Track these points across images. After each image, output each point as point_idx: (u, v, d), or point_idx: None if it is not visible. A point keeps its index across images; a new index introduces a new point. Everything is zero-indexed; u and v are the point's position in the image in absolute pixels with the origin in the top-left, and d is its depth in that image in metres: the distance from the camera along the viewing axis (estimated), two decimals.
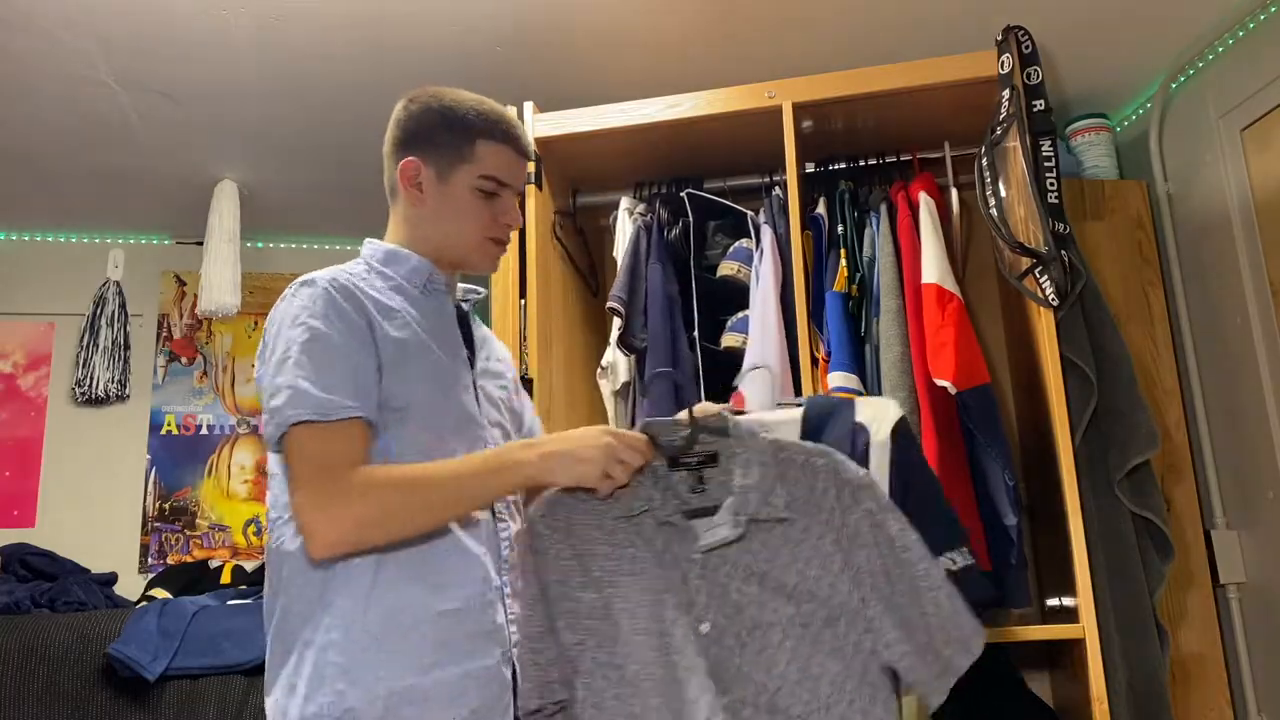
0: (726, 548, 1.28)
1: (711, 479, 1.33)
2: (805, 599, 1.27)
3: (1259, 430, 2.22)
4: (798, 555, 1.28)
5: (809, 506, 1.30)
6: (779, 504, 1.29)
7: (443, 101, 1.50)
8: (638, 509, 1.32)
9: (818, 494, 1.30)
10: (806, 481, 1.31)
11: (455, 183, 1.45)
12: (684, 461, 1.34)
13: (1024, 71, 2.01)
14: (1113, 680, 1.79)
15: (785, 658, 1.25)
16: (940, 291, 1.99)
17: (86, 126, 2.65)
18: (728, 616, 1.26)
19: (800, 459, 1.32)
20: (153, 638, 2.33)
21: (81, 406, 3.20)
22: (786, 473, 1.31)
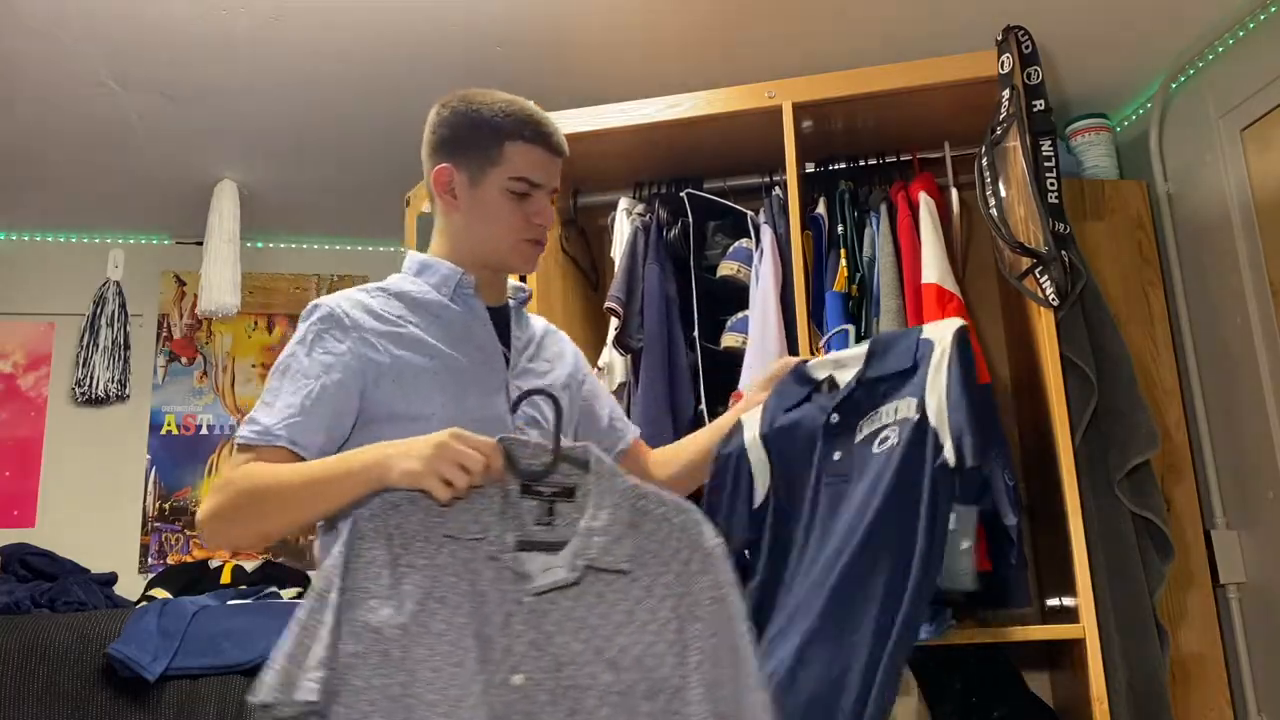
0: (559, 594, 1.17)
1: (563, 515, 1.22)
2: (629, 667, 1.17)
3: (1259, 430, 2.22)
4: (633, 616, 1.18)
5: (656, 564, 1.20)
6: (622, 555, 1.19)
7: (471, 105, 1.50)
8: (470, 534, 1.19)
9: (668, 552, 1.21)
10: (659, 536, 1.21)
11: (486, 186, 1.45)
12: (538, 490, 1.23)
13: (1024, 71, 2.00)
14: (1113, 680, 1.78)
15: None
16: (940, 291, 1.99)
17: (86, 127, 2.65)
18: (545, 671, 1.15)
19: (658, 511, 1.22)
20: (153, 638, 2.33)
21: (81, 406, 3.20)
22: (640, 523, 1.21)
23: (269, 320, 3.42)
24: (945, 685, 2.03)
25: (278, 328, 3.41)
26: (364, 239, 3.47)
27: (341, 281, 3.48)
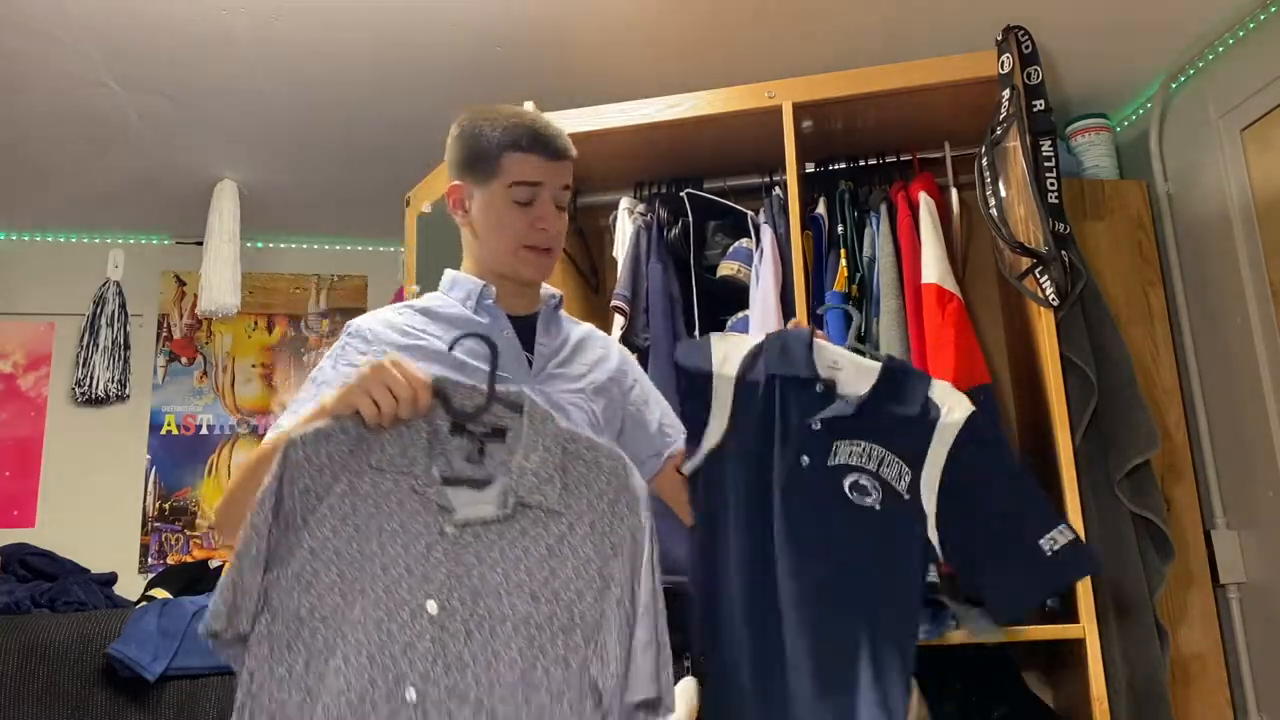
0: (484, 528, 1.20)
1: (493, 454, 1.24)
2: (548, 599, 1.19)
3: (1259, 430, 2.22)
4: (555, 552, 1.21)
5: (582, 504, 1.23)
6: (552, 494, 1.22)
7: (474, 123, 1.53)
8: (396, 466, 1.21)
9: (594, 494, 1.24)
10: (588, 478, 1.24)
11: (491, 198, 1.49)
12: (469, 429, 1.25)
13: (1024, 71, 2.00)
14: (1113, 680, 1.79)
15: (510, 657, 1.17)
16: (940, 291, 1.99)
17: (87, 127, 2.65)
18: (461, 601, 1.17)
19: (588, 455, 1.25)
20: (153, 638, 2.33)
21: (81, 406, 3.20)
22: (570, 465, 1.24)
23: (269, 320, 3.42)
24: (945, 685, 2.02)
25: (278, 328, 3.41)
26: (364, 239, 3.47)
27: (341, 281, 3.49)
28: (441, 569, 1.18)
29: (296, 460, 1.19)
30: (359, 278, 3.49)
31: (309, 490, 1.19)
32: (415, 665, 1.14)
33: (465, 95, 2.50)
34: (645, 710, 1.19)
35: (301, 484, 1.18)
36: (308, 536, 1.17)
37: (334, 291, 3.47)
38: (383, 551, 1.18)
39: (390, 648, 1.15)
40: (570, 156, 1.53)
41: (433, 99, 2.57)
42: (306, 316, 3.45)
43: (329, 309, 3.46)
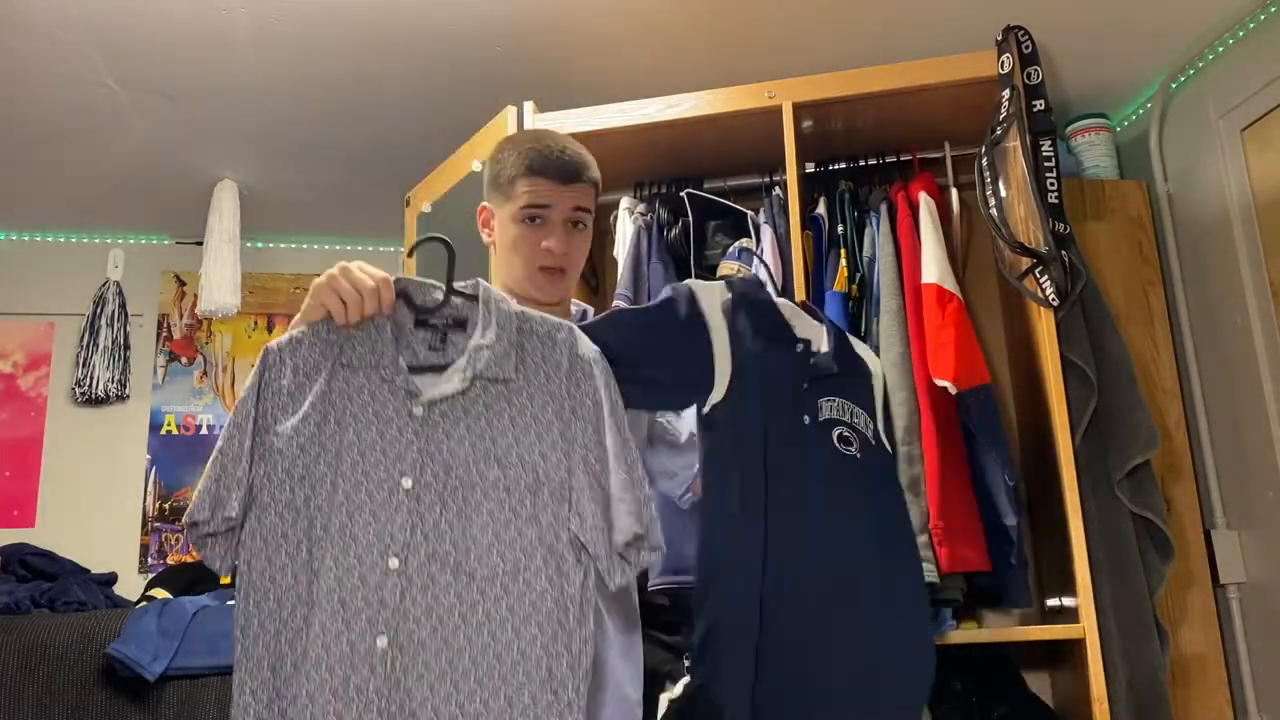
0: (449, 405, 1.28)
1: (454, 342, 1.33)
2: (515, 464, 1.27)
3: (1259, 430, 2.22)
4: (517, 421, 1.29)
5: (539, 374, 1.31)
6: (509, 366, 1.30)
7: (502, 147, 1.61)
8: (366, 362, 1.30)
9: (550, 364, 1.32)
10: (543, 350, 1.32)
11: (506, 220, 1.56)
12: (431, 323, 1.34)
13: (1024, 71, 2.01)
14: (1113, 680, 1.79)
15: (482, 520, 1.25)
16: (940, 291, 1.99)
17: (86, 126, 2.65)
18: (434, 474, 1.25)
19: (542, 329, 1.34)
20: (153, 638, 2.33)
21: (81, 406, 3.20)
22: (525, 341, 1.32)
23: (269, 320, 3.42)
24: (945, 685, 2.03)
25: (278, 327, 3.41)
26: (364, 239, 3.47)
27: None
28: (413, 448, 1.26)
29: (274, 364, 1.29)
30: None
31: (290, 392, 1.28)
32: (395, 537, 1.23)
33: (465, 95, 2.51)
34: (632, 549, 1.26)
35: (279, 385, 1.28)
36: (294, 434, 1.26)
37: None
38: (359, 439, 1.26)
39: (373, 525, 1.23)
40: (585, 179, 1.55)
41: (433, 99, 2.57)
42: None
43: None
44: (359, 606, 1.21)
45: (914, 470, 1.87)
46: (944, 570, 1.80)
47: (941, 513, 1.83)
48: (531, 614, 1.23)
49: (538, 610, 1.23)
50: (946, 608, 1.84)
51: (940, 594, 1.81)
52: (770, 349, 1.45)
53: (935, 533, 1.82)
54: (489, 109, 2.29)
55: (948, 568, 1.80)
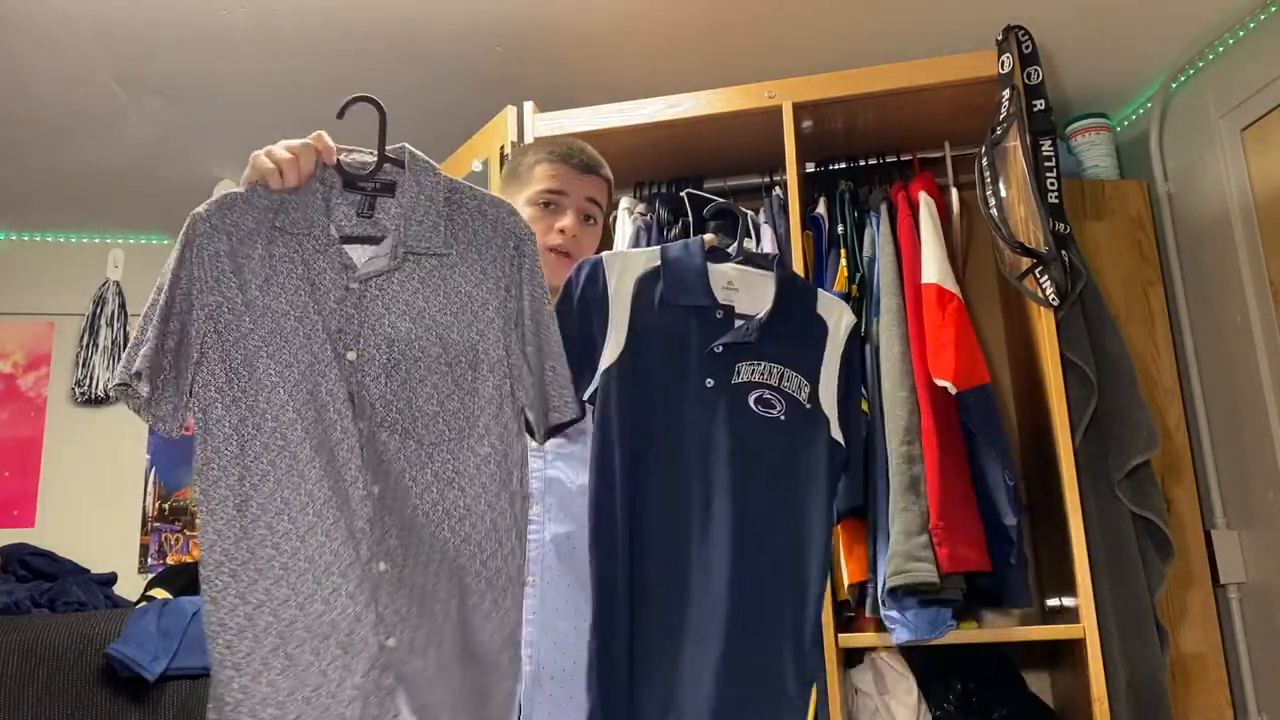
0: (385, 279, 1.30)
1: (383, 209, 1.34)
2: (455, 341, 1.30)
3: (1259, 430, 2.22)
4: (452, 298, 1.31)
5: (471, 250, 1.33)
6: (438, 240, 1.31)
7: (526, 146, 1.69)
8: (299, 228, 1.30)
9: (482, 239, 1.34)
10: (474, 225, 1.34)
11: (521, 205, 1.60)
12: (360, 186, 1.34)
13: (1024, 71, 2.00)
14: (1113, 680, 1.79)
15: (427, 392, 1.29)
16: (940, 291, 1.99)
17: (86, 126, 2.65)
18: (375, 347, 1.28)
19: (472, 204, 1.35)
20: (152, 638, 2.33)
21: (81, 406, 3.20)
22: (455, 215, 1.34)
23: None
24: (945, 685, 2.03)
25: None
26: None
27: None
28: (354, 321, 1.28)
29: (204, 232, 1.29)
30: None
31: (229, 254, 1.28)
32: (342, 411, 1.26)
33: (465, 95, 2.51)
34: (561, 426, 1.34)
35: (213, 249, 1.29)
36: (238, 294, 1.27)
37: None
38: (294, 307, 1.28)
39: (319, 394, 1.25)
40: (599, 173, 1.63)
41: (433, 99, 2.57)
42: None
43: None
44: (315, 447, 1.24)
45: (914, 470, 1.87)
46: (944, 570, 1.79)
47: (941, 513, 1.82)
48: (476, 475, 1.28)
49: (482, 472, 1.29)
50: (946, 608, 1.84)
51: (940, 594, 1.81)
52: (679, 315, 1.47)
53: (935, 533, 1.82)
54: (489, 109, 2.29)
55: (948, 568, 1.80)
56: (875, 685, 2.01)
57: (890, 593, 1.81)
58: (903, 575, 1.78)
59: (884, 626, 1.85)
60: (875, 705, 1.99)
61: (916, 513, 1.83)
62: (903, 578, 1.78)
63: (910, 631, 1.80)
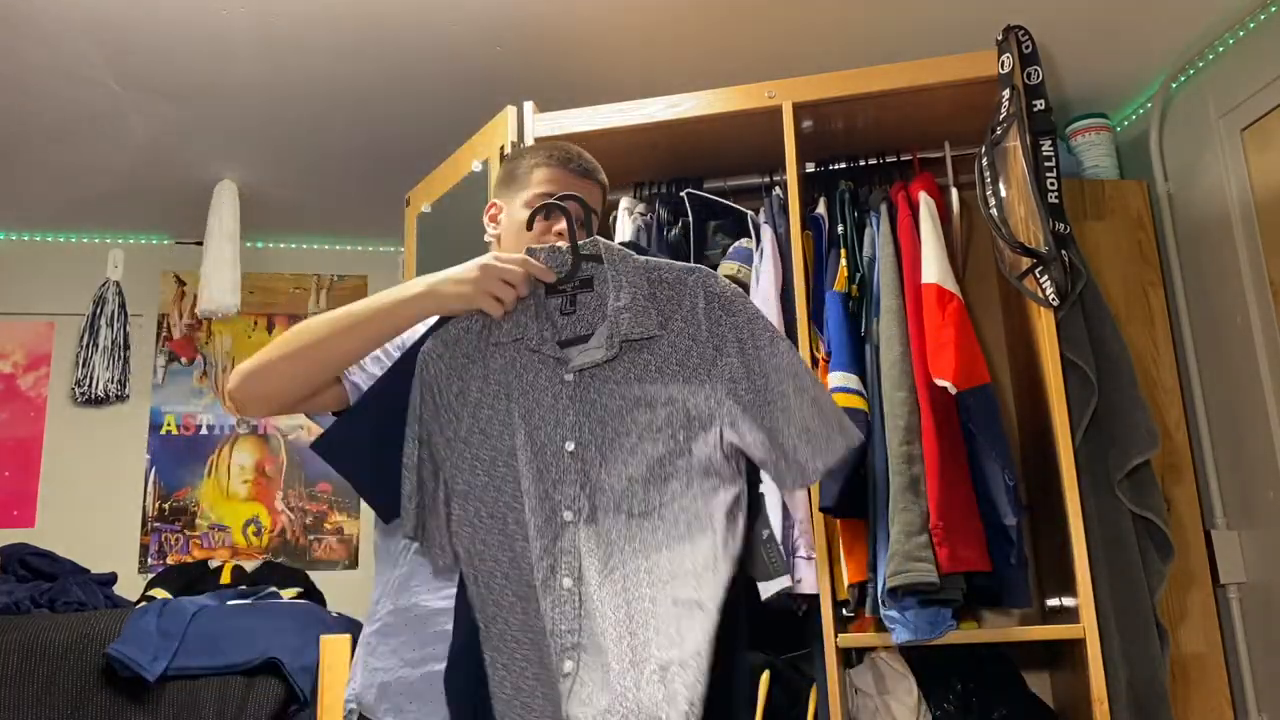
0: (598, 369, 1.33)
1: (584, 304, 1.37)
2: (664, 403, 1.32)
3: (1259, 430, 2.22)
4: (663, 370, 1.33)
5: (677, 320, 1.34)
6: (650, 324, 1.33)
7: (522, 150, 1.67)
8: (511, 336, 1.35)
9: (686, 308, 1.35)
10: (676, 296, 1.35)
11: (516, 210, 1.59)
12: (560, 288, 1.38)
13: (1024, 71, 2.00)
14: (1113, 680, 1.79)
15: (637, 460, 1.30)
16: (940, 291, 1.99)
17: (86, 126, 2.65)
18: (591, 433, 1.31)
19: (670, 276, 1.36)
20: (152, 638, 2.33)
21: (81, 406, 3.20)
22: (658, 292, 1.35)
23: (269, 320, 3.42)
24: (945, 685, 2.03)
25: (278, 328, 3.41)
26: (364, 239, 3.47)
27: (341, 281, 3.48)
28: (570, 412, 1.32)
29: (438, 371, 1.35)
30: (359, 278, 3.49)
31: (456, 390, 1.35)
32: (566, 493, 1.30)
33: (465, 95, 2.51)
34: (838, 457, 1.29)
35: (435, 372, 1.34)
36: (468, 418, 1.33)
37: (334, 291, 3.47)
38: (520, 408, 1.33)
39: (543, 484, 1.30)
40: (596, 179, 1.63)
41: (433, 99, 2.57)
42: (306, 316, 3.44)
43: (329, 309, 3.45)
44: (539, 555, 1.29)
45: (914, 470, 1.87)
46: (944, 570, 1.79)
47: (941, 513, 1.82)
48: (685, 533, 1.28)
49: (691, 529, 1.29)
50: (946, 608, 1.84)
51: (940, 594, 1.81)
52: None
53: (935, 533, 1.82)
54: (489, 109, 2.29)
55: (948, 568, 1.80)
56: (875, 685, 2.01)
57: (890, 593, 1.81)
58: (902, 575, 1.78)
59: (884, 626, 1.85)
60: (875, 705, 1.99)
61: (916, 513, 1.83)
62: (902, 578, 1.78)
63: (910, 631, 1.80)
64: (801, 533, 1.92)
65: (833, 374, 2.00)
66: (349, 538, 3.28)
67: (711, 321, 1.34)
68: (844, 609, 1.95)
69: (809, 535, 1.91)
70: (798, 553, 1.90)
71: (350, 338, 1.37)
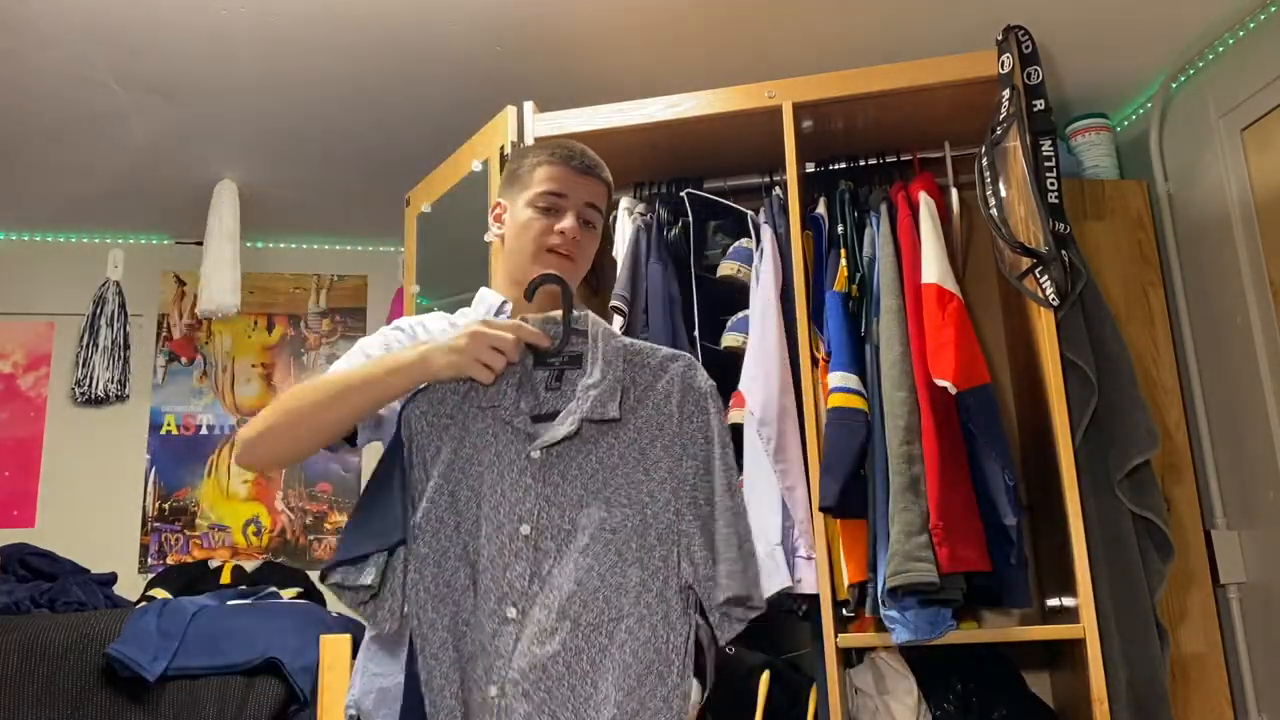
0: (563, 447, 1.30)
1: (569, 380, 1.35)
2: (622, 504, 1.28)
3: (1259, 430, 2.22)
4: (626, 457, 1.30)
5: (648, 409, 1.32)
6: (613, 408, 1.30)
7: (524, 151, 1.66)
8: (491, 402, 1.33)
9: (660, 397, 1.32)
10: (653, 384, 1.33)
11: (520, 208, 1.59)
12: (549, 361, 1.36)
13: (1024, 71, 2.00)
14: (1113, 680, 1.79)
15: (588, 563, 1.26)
16: (940, 291, 1.99)
17: (86, 126, 2.65)
18: (550, 519, 1.28)
19: (651, 361, 1.34)
20: (152, 638, 2.33)
21: (81, 406, 3.20)
22: (636, 375, 1.33)
23: (269, 320, 3.42)
24: (945, 685, 2.03)
25: (278, 328, 3.41)
26: (364, 239, 3.47)
27: (341, 281, 3.48)
28: (531, 493, 1.29)
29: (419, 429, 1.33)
30: (359, 278, 3.49)
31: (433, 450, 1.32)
32: (514, 585, 1.26)
33: (465, 95, 2.51)
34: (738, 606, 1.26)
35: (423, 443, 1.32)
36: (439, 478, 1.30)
37: (334, 291, 3.47)
38: (481, 483, 1.30)
39: (494, 570, 1.26)
40: (599, 176, 1.62)
41: (433, 99, 2.57)
42: (306, 316, 3.44)
43: (329, 309, 3.46)
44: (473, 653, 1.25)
45: (914, 470, 1.87)
46: (944, 570, 1.79)
47: (941, 513, 1.82)
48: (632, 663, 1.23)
49: (639, 660, 1.23)
50: (946, 608, 1.84)
51: (940, 594, 1.81)
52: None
53: (935, 533, 1.82)
54: (489, 109, 2.29)
55: (948, 568, 1.80)
56: (875, 685, 2.01)
57: (890, 592, 1.81)
58: (902, 575, 1.78)
59: (884, 626, 1.85)
60: (875, 705, 1.99)
61: (916, 513, 1.83)
62: (902, 578, 1.78)
63: (910, 631, 1.80)
64: (801, 533, 1.92)
65: (833, 374, 2.00)
66: None
67: (684, 417, 1.31)
68: (844, 609, 1.95)
69: (809, 535, 1.91)
70: (798, 553, 1.90)
71: (344, 406, 1.37)
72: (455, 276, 2.35)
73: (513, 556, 1.26)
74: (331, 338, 3.43)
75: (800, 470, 1.95)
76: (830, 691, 1.86)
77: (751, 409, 1.98)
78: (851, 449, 1.93)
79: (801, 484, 1.94)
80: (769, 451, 1.93)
